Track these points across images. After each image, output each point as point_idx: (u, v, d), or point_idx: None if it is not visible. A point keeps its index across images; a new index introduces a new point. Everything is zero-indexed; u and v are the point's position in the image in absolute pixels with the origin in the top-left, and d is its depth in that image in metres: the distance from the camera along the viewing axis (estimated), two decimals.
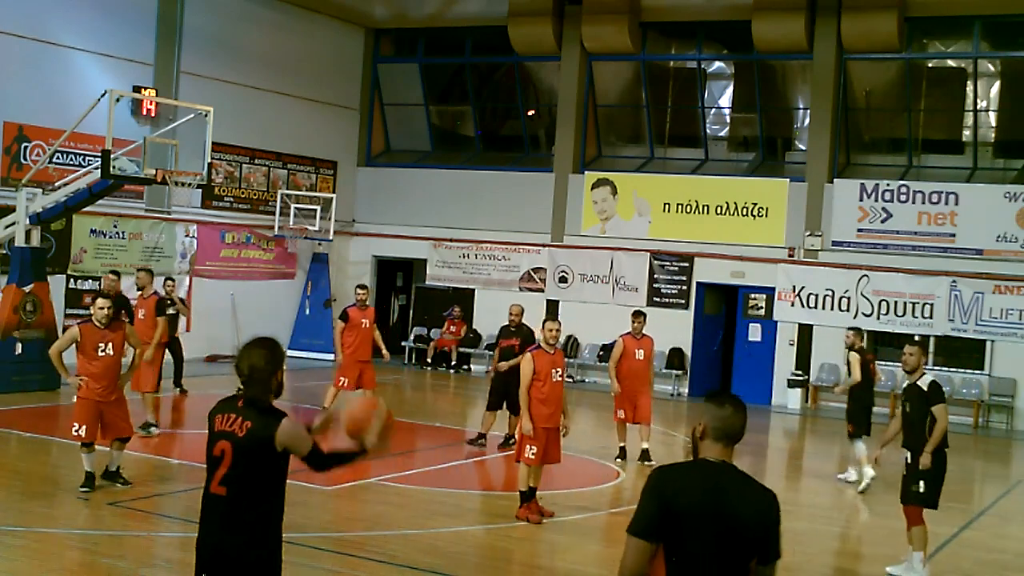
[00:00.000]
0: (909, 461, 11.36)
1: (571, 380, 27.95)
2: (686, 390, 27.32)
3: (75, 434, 12.84)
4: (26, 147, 23.30)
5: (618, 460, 17.18)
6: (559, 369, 13.00)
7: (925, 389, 11.27)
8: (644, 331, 17.60)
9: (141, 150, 21.21)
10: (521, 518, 12.85)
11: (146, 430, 16.40)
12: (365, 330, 18.77)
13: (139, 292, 17.83)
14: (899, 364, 11.79)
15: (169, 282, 21.91)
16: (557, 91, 30.07)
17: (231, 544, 6.01)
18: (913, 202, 25.62)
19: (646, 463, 16.64)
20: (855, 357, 16.62)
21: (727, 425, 5.01)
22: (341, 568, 10.56)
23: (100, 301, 13.01)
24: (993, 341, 24.82)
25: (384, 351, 19.51)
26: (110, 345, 12.90)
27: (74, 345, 12.88)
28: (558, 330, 13.18)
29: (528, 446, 12.78)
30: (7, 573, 9.79)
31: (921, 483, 11.17)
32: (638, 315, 17.77)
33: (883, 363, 25.58)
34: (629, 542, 4.82)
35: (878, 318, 25.62)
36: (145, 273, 18.08)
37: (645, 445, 16.97)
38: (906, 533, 11.45)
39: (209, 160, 21.68)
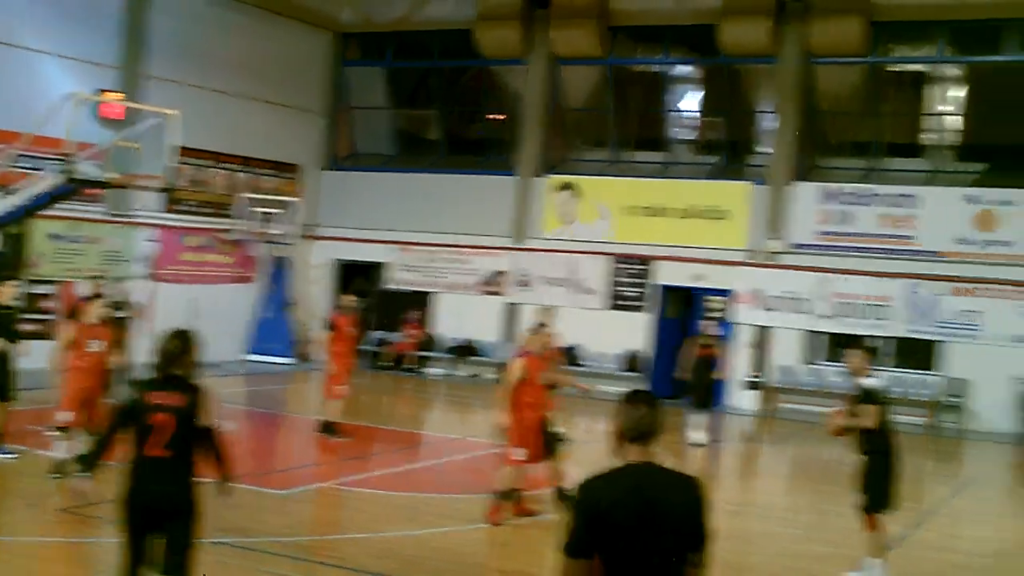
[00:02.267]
0: (862, 467, 11.38)
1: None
2: None
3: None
4: None
5: None
6: (545, 374, 13.21)
7: (865, 394, 11.30)
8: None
9: (103, 154, 21.11)
10: (492, 519, 12.93)
11: None
12: (353, 338, 18.76)
13: None
14: None
15: (99, 282, 21.52)
16: (523, 95, 30.08)
17: (176, 493, 7.45)
18: (874, 205, 25.80)
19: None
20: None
21: (643, 425, 4.97)
22: (294, 573, 10.55)
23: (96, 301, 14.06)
24: (950, 343, 25.01)
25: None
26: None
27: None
28: (549, 336, 13.42)
29: (517, 449, 12.95)
30: None
31: (868, 492, 11.20)
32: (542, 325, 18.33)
33: (839, 365, 25.79)
34: (566, 563, 4.79)
35: (836, 320, 25.77)
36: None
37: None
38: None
39: (172, 164, 21.58)
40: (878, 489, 11.19)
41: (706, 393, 20.35)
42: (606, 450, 5.10)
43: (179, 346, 7.64)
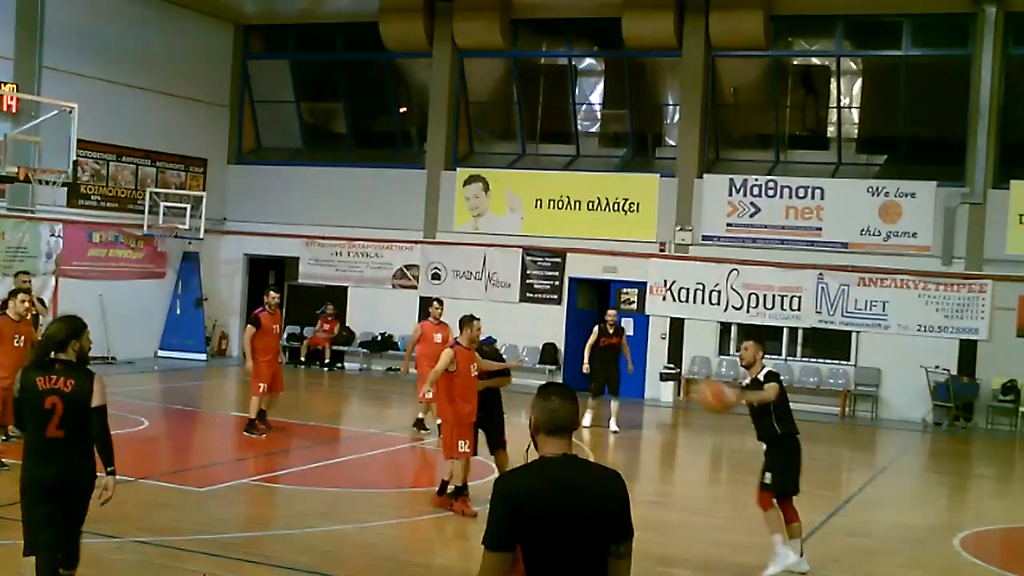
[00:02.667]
0: (764, 453, 11.51)
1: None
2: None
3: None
4: None
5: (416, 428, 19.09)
6: (475, 365, 13.25)
7: (762, 380, 11.43)
8: (443, 318, 18.98)
9: (1, 147, 20.70)
10: (458, 512, 13.05)
11: None
12: (275, 335, 18.73)
13: None
14: (766, 357, 11.97)
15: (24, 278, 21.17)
16: (429, 88, 30.00)
17: (75, 471, 7.88)
18: (780, 197, 26.13)
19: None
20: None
21: (558, 418, 4.95)
22: (216, 570, 10.41)
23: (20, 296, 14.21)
24: (858, 332, 25.46)
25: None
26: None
27: None
28: (480, 328, 13.44)
29: (460, 441, 13.07)
30: None
31: (767, 474, 11.33)
32: (438, 302, 19.40)
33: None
34: (486, 556, 4.77)
35: (748, 311, 26.08)
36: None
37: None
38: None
39: (74, 158, 21.22)
40: (789, 473, 11.31)
41: (608, 382, 20.74)
42: (524, 443, 5.10)
43: (64, 331, 7.95)
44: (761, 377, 11.40)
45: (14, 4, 25.37)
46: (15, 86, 24.40)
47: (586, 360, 21.08)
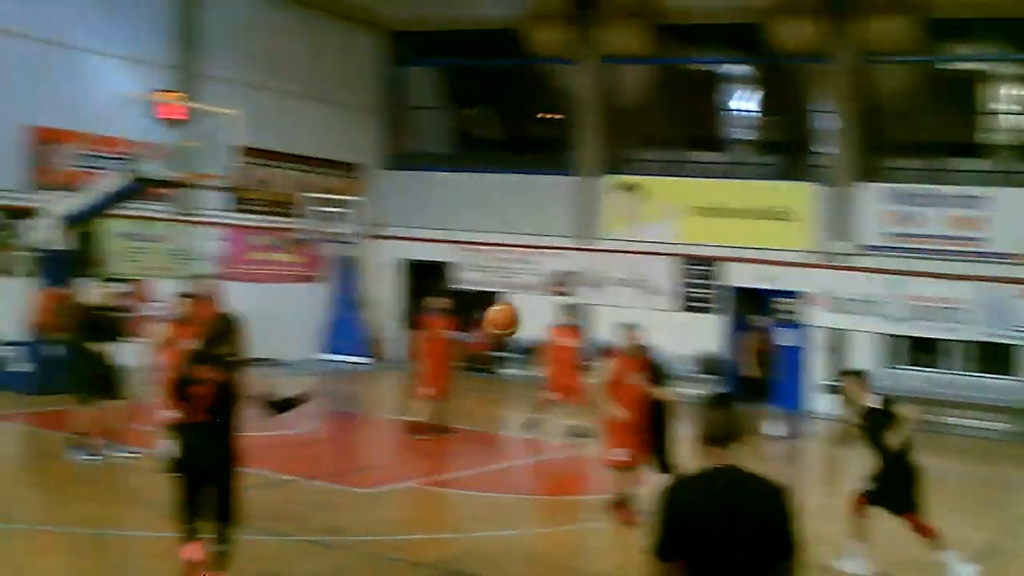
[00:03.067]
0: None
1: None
2: None
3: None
4: (51, 150, 23.27)
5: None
6: (637, 374, 13.14)
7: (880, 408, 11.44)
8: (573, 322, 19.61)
9: (167, 153, 21.21)
10: (620, 521, 12.88)
11: None
12: (444, 339, 18.77)
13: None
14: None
15: (194, 283, 21.76)
16: (579, 94, 29.94)
17: (216, 452, 8.73)
18: (941, 206, 25.44)
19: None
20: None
21: (722, 428, 4.97)
22: (376, 572, 10.48)
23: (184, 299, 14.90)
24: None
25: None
26: None
27: None
28: (635, 336, 13.41)
29: (617, 450, 13.01)
30: (51, 572, 9.75)
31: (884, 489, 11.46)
32: (568, 307, 20.18)
33: (916, 368, 25.49)
34: (656, 566, 4.81)
35: (911, 323, 25.40)
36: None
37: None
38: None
39: (235, 164, 21.62)
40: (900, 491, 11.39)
41: (766, 391, 20.76)
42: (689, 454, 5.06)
43: (218, 330, 9.18)
44: (874, 403, 11.47)
45: (178, 17, 26.04)
46: (181, 94, 24.97)
47: (744, 368, 21.18)
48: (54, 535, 11.03)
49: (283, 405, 9.42)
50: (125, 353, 15.02)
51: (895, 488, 11.40)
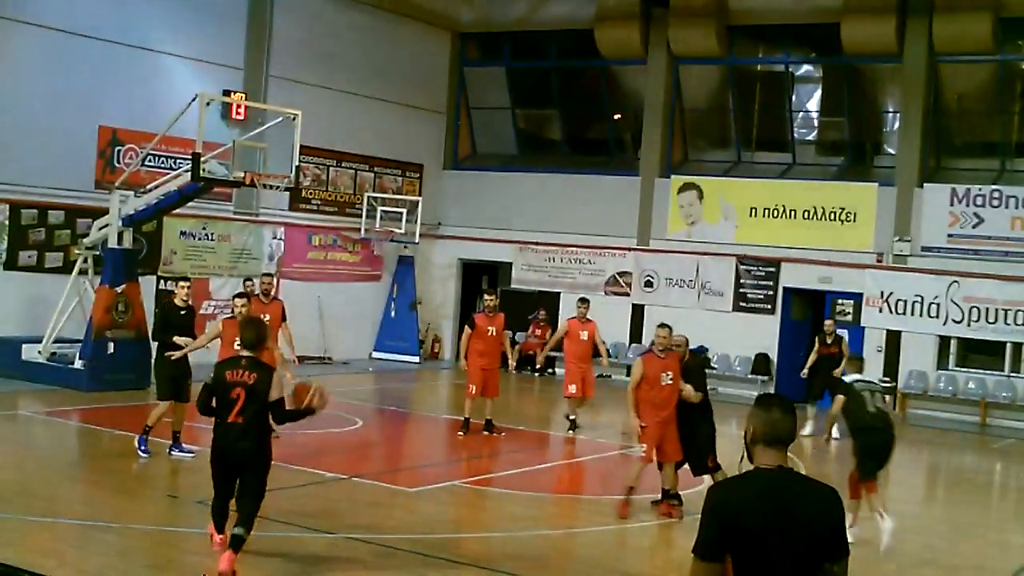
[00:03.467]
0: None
1: None
2: None
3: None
4: (119, 150, 23.69)
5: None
6: (670, 372, 13.17)
7: None
8: (588, 316, 19.96)
9: (230, 153, 21.49)
10: (662, 514, 13.31)
11: None
12: (492, 338, 18.57)
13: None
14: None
15: (248, 283, 22.09)
16: (643, 95, 29.93)
17: (248, 448, 9.49)
18: (1006, 207, 25.16)
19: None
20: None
21: (777, 429, 4.90)
22: (424, 569, 10.58)
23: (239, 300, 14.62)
24: None
25: (510, 359, 20.71)
26: None
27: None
28: (666, 336, 13.31)
29: (645, 445, 13.29)
30: (99, 568, 9.96)
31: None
32: (583, 301, 20.34)
33: (971, 370, 25.27)
34: (695, 565, 4.75)
35: (968, 325, 25.18)
36: (269, 277, 18.40)
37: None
38: None
39: (297, 163, 21.85)
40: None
41: (826, 391, 20.62)
42: (736, 454, 5.04)
43: (252, 335, 9.80)
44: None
45: (245, 17, 26.35)
46: (244, 94, 25.32)
47: (806, 368, 21.78)
48: (100, 529, 11.23)
49: (294, 414, 9.77)
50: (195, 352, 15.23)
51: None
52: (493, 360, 18.61)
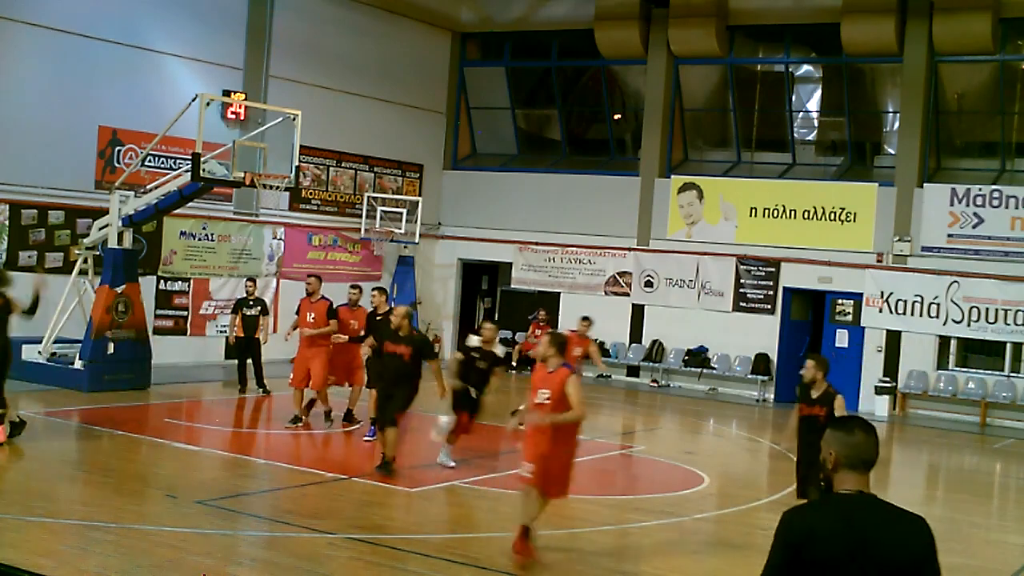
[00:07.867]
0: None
1: (655, 385, 27.87)
2: (772, 396, 27.07)
3: None
4: (119, 150, 23.71)
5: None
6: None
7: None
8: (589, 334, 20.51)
9: (230, 153, 21.48)
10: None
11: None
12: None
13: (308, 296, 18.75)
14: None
15: (249, 283, 22.18)
16: (643, 95, 29.95)
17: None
18: (1006, 207, 25.18)
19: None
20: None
21: (860, 452, 4.71)
22: (424, 569, 10.58)
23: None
24: None
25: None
26: None
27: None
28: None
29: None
30: (98, 568, 9.95)
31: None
32: (585, 319, 20.67)
33: (971, 370, 25.27)
34: None
35: (968, 325, 25.19)
36: (315, 279, 19.03)
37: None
38: None
39: (297, 163, 21.85)
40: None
41: None
42: (736, 454, 4.97)
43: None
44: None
45: (245, 17, 26.34)
46: (244, 95, 25.34)
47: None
48: (100, 529, 11.23)
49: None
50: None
51: None
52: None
